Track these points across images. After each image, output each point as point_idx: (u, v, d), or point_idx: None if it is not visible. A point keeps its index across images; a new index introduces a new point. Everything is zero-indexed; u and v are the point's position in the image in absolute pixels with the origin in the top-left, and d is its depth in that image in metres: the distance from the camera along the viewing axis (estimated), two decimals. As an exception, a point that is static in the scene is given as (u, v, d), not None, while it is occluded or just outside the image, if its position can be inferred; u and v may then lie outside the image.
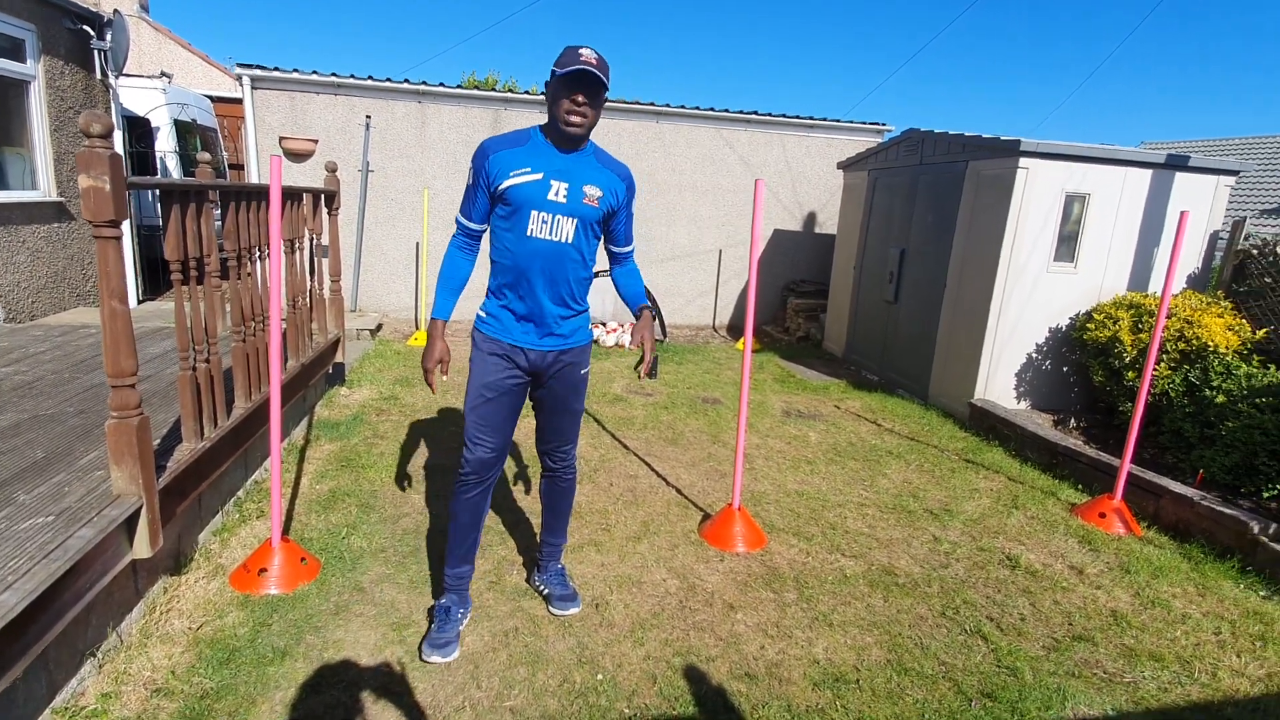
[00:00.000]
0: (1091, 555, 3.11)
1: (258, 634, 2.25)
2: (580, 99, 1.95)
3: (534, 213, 2.02)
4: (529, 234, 2.04)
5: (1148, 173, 4.69)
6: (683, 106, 7.89)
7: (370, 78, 7.07)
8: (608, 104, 7.55)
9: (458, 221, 2.17)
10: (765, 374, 6.25)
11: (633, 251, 2.35)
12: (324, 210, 4.31)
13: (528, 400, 2.29)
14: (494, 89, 8.05)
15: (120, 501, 2.13)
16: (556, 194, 2.03)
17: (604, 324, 7.46)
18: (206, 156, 4.13)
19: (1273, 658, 2.43)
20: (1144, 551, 3.14)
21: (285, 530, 2.91)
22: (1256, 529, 3.03)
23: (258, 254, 3.02)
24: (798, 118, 8.21)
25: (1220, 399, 3.82)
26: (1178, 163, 4.71)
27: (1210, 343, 4.14)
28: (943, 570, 2.92)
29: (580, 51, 1.94)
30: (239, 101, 7.23)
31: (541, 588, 2.53)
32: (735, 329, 8.41)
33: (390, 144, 7.33)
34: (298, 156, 7.07)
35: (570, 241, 2.07)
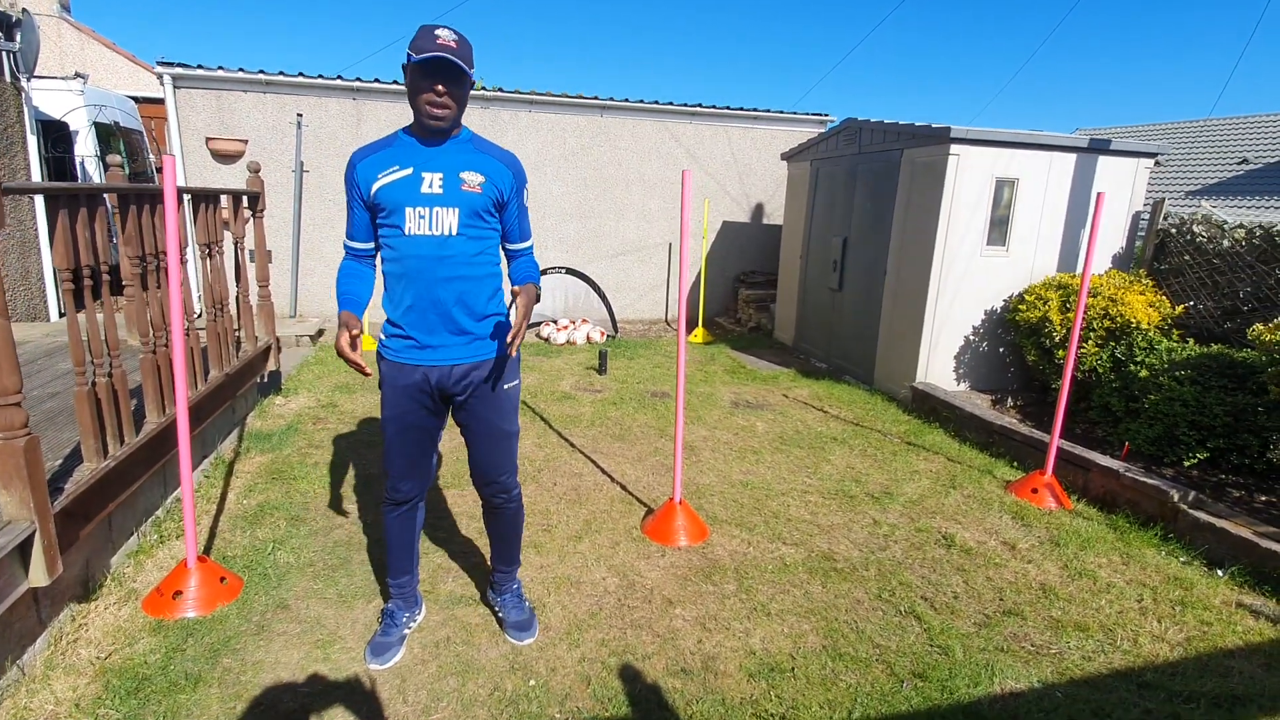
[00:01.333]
0: (1024, 530, 3.18)
1: (170, 660, 2.14)
2: (440, 89, 1.81)
3: (409, 209, 1.88)
4: (408, 233, 1.90)
5: (1072, 157, 4.83)
6: (626, 100, 7.83)
7: (301, 74, 6.83)
8: (553, 98, 7.46)
9: (345, 246, 2.06)
10: (716, 365, 6.27)
11: (529, 249, 2.13)
12: (248, 213, 4.13)
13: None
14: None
15: (11, 528, 1.99)
16: (431, 185, 1.88)
17: (554, 321, 7.39)
18: (116, 159, 3.92)
19: (1191, 622, 2.52)
20: (1073, 524, 3.23)
21: (207, 549, 2.79)
22: (1176, 497, 3.15)
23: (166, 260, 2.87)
24: (741, 110, 8.24)
25: (1143, 373, 3.96)
26: (1100, 146, 4.86)
27: (1133, 319, 4.29)
28: (881, 553, 2.95)
29: (437, 33, 1.77)
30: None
31: (498, 609, 2.38)
32: (689, 322, 8.42)
33: (325, 143, 7.10)
34: (226, 158, 6.80)
35: (455, 234, 1.90)
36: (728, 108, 8.18)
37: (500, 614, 2.36)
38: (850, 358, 5.91)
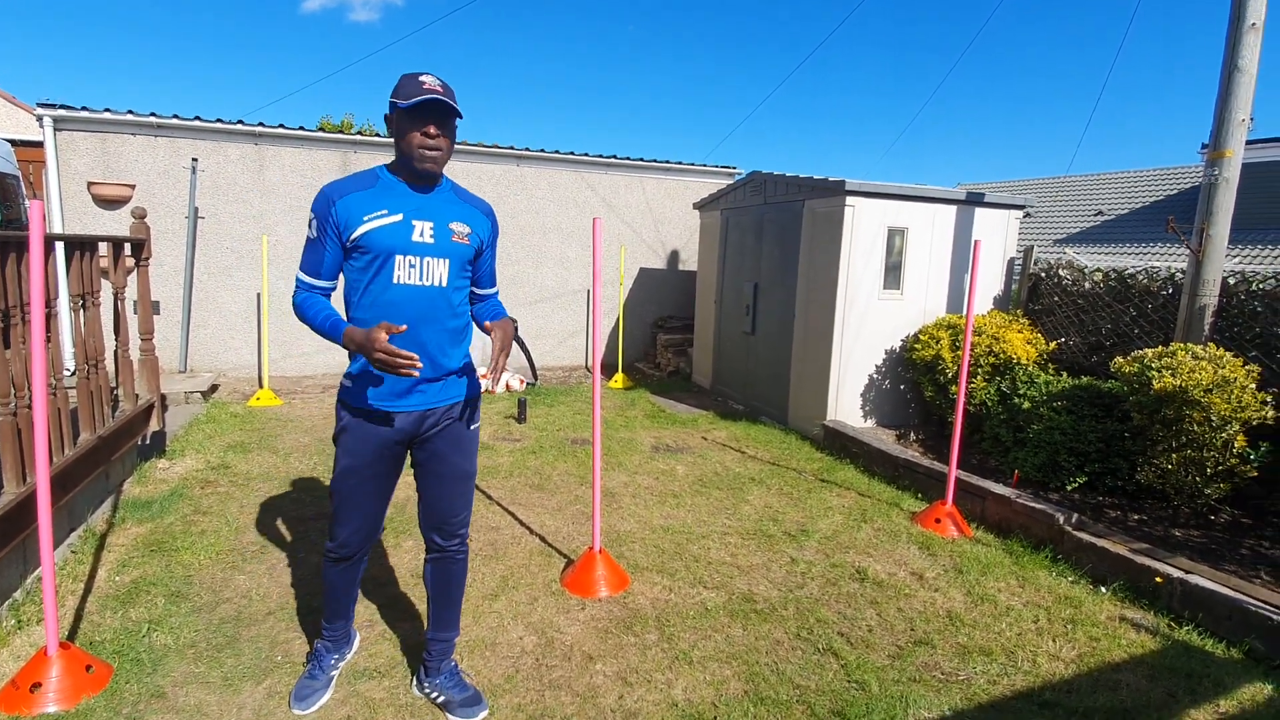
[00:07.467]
0: (930, 560, 3.32)
1: (18, 769, 1.86)
2: (433, 130, 1.80)
3: (399, 258, 1.84)
4: (395, 281, 1.84)
5: (952, 208, 5.28)
6: (543, 150, 7.96)
7: (197, 118, 6.54)
8: (469, 147, 7.47)
9: (300, 281, 1.90)
10: (637, 410, 6.28)
11: (496, 294, 2.22)
12: (130, 261, 3.86)
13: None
14: (350, 131, 7.73)
15: None
16: (421, 234, 1.86)
17: (472, 370, 7.22)
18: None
19: (1082, 639, 2.68)
20: (974, 551, 3.40)
21: (71, 634, 2.48)
22: (1062, 520, 3.38)
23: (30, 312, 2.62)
24: (655, 161, 8.53)
25: (1026, 405, 4.29)
26: (975, 199, 5.34)
27: (1014, 356, 4.66)
28: (799, 591, 2.99)
29: (422, 79, 1.78)
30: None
31: (434, 694, 2.13)
32: (609, 368, 8.44)
33: (224, 189, 6.78)
34: (110, 203, 6.36)
35: (445, 285, 1.90)
36: (641, 159, 8.45)
37: (440, 698, 2.12)
38: (765, 399, 6.09)
